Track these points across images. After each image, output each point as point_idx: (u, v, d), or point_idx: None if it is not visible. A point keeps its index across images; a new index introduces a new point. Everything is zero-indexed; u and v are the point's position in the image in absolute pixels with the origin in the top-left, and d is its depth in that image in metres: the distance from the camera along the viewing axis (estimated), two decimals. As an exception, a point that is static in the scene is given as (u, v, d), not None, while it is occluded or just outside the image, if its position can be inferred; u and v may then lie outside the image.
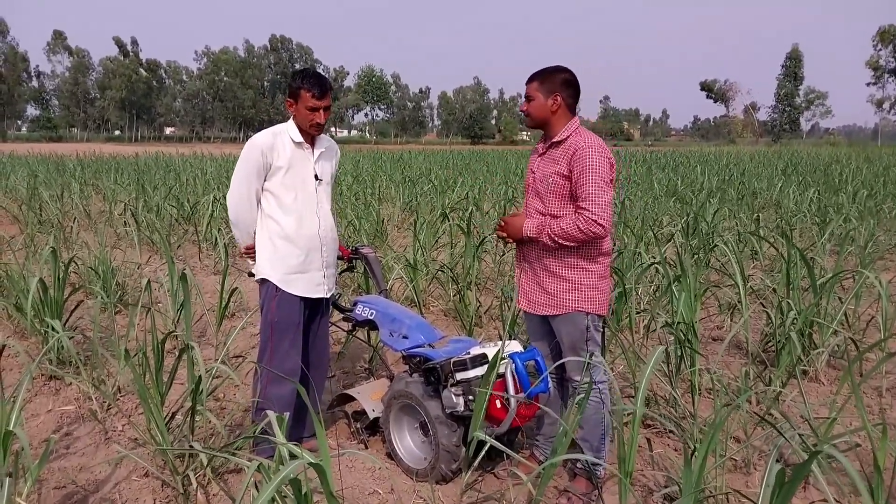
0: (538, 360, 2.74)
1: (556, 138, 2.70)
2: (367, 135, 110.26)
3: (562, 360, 2.71)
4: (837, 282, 4.67)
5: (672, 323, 3.66)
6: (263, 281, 2.96)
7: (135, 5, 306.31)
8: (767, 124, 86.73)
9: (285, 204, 2.89)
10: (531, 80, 2.74)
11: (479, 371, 2.70)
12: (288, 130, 2.91)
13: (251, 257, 3.04)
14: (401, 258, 5.90)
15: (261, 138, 2.89)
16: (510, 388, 2.63)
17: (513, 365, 2.66)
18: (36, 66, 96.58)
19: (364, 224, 7.92)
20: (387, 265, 5.90)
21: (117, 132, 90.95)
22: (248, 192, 2.91)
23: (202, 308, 5.20)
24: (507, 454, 2.39)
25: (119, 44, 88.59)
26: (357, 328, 3.52)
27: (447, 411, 2.76)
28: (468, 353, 2.80)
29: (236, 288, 4.89)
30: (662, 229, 8.19)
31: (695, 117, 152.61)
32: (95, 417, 3.50)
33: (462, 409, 2.71)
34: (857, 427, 2.51)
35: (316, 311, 3.11)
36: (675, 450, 3.21)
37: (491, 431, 2.62)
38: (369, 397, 3.28)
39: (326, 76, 2.99)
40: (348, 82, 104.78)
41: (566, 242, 2.59)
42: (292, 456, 1.82)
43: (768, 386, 3.72)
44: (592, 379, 2.67)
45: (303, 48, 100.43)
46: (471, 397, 2.67)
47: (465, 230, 6.12)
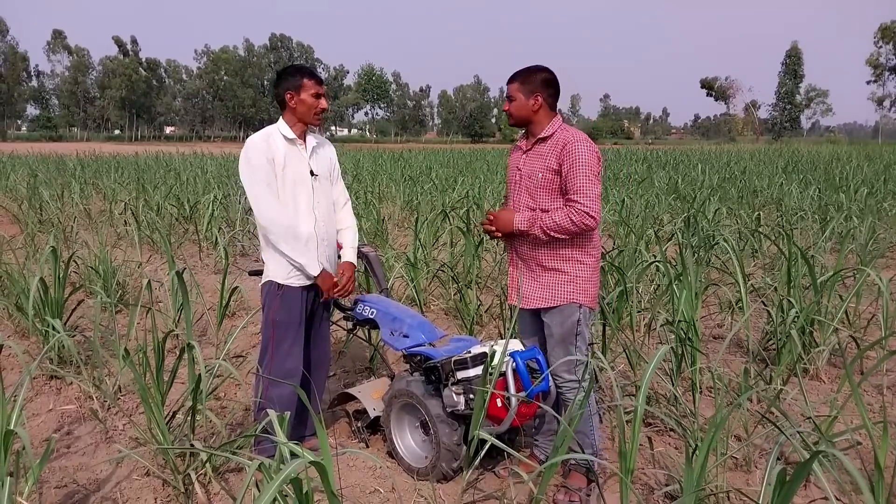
0: (539, 358, 2.74)
1: (541, 135, 2.75)
2: (368, 133, 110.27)
3: (561, 361, 2.71)
4: (838, 280, 4.67)
5: (673, 321, 3.65)
6: (270, 283, 2.95)
7: (134, 4, 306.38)
8: (768, 122, 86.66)
9: (284, 201, 2.87)
10: (512, 80, 2.79)
11: (479, 370, 2.70)
12: (279, 129, 2.90)
13: (338, 290, 3.00)
14: (401, 257, 5.90)
15: (258, 138, 2.88)
16: (511, 386, 2.63)
17: (514, 363, 2.66)
18: (35, 66, 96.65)
19: (365, 223, 7.92)
20: (387, 264, 5.90)
21: (117, 131, 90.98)
22: (272, 196, 2.83)
23: (203, 307, 5.20)
24: (507, 453, 2.39)
25: (119, 43, 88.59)
26: (358, 327, 3.52)
27: (448, 410, 2.76)
28: (469, 351, 2.79)
29: (237, 287, 4.89)
30: (663, 227, 8.19)
31: (695, 115, 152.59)
32: (96, 417, 3.50)
33: (463, 407, 2.71)
34: (857, 425, 2.51)
35: (317, 310, 3.11)
36: (676, 448, 3.21)
37: (492, 430, 2.62)
38: (370, 396, 3.28)
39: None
40: (348, 81, 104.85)
41: (559, 235, 2.63)
42: (293, 455, 1.82)
43: (769, 384, 3.72)
44: (579, 376, 2.69)
45: (303, 47, 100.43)
46: (471, 396, 2.67)
47: (466, 229, 6.12)
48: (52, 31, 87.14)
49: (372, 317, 3.23)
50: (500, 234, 2.80)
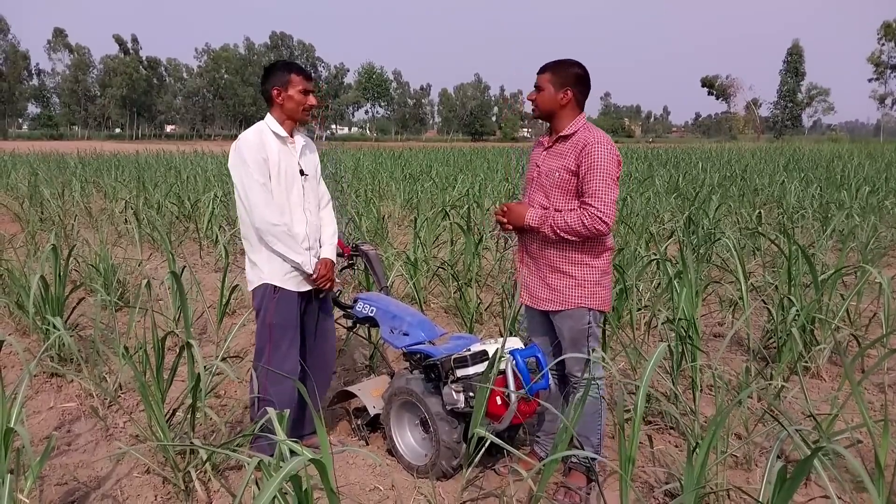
0: (539, 356, 2.73)
1: (563, 132, 2.67)
2: (368, 132, 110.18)
3: (563, 357, 2.70)
4: (839, 278, 4.66)
5: (673, 319, 3.65)
6: (266, 286, 2.88)
7: (135, 3, 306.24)
8: (769, 120, 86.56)
9: (278, 201, 2.83)
10: (543, 70, 2.70)
11: (479, 368, 2.69)
12: (270, 127, 2.84)
13: (325, 279, 2.96)
14: (401, 255, 5.90)
15: (250, 136, 2.81)
16: (511, 384, 2.63)
17: (513, 361, 2.66)
18: (36, 64, 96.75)
19: (365, 221, 7.92)
20: (387, 262, 5.90)
21: (118, 130, 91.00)
22: (267, 195, 2.77)
23: (203, 305, 5.20)
24: (507, 451, 2.39)
25: (119, 41, 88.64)
26: (357, 325, 3.51)
27: (448, 408, 2.76)
28: (469, 349, 2.79)
29: (237, 285, 4.89)
30: (664, 226, 8.18)
31: (696, 114, 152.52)
32: (97, 414, 3.50)
33: (462, 405, 2.71)
34: (858, 423, 2.51)
35: (311, 310, 3.08)
36: (677, 446, 3.21)
37: (492, 428, 2.61)
38: (370, 394, 3.28)
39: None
40: (349, 79, 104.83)
41: (568, 237, 2.58)
42: (293, 453, 1.82)
43: (770, 382, 3.71)
44: (592, 375, 2.67)
45: (304, 45, 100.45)
46: (471, 394, 2.67)
47: (466, 227, 6.11)
48: (53, 30, 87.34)
49: (372, 315, 3.23)
50: (510, 227, 2.77)
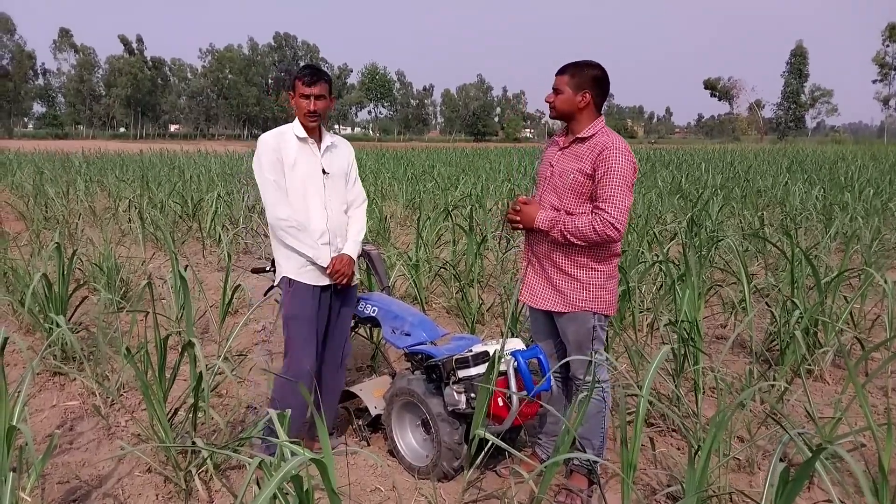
0: (541, 357, 2.72)
1: (581, 134, 2.64)
2: (371, 132, 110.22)
3: (567, 360, 2.70)
4: (843, 280, 4.64)
5: (675, 322, 3.64)
6: (283, 279, 2.99)
7: (140, 3, 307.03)
8: (772, 122, 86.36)
9: (293, 198, 2.91)
10: (562, 71, 2.67)
11: (481, 369, 2.69)
12: (293, 128, 2.97)
13: (342, 270, 2.97)
14: (403, 255, 5.90)
15: (268, 136, 2.96)
16: (512, 385, 2.62)
17: (515, 362, 2.66)
18: (42, 64, 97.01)
19: (367, 221, 7.90)
20: (389, 262, 5.90)
21: (122, 129, 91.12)
22: (281, 191, 2.89)
23: (205, 305, 5.21)
24: (508, 452, 2.39)
25: (124, 42, 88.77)
26: (359, 325, 3.52)
27: (449, 409, 2.76)
28: (470, 350, 2.79)
29: (239, 285, 4.89)
30: (667, 227, 8.16)
31: (699, 115, 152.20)
32: (99, 413, 3.50)
33: (464, 406, 2.70)
34: (862, 427, 2.50)
35: (334, 303, 3.10)
36: (679, 449, 3.20)
37: (493, 429, 2.61)
38: (371, 394, 3.27)
39: (326, 71, 3.01)
40: (352, 80, 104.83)
41: (578, 241, 2.56)
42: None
43: (772, 385, 3.70)
44: (597, 377, 2.66)
45: (308, 46, 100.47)
46: (473, 395, 2.66)
47: (468, 228, 6.11)
48: (58, 30, 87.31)
49: (373, 315, 3.23)
50: (521, 226, 2.74)
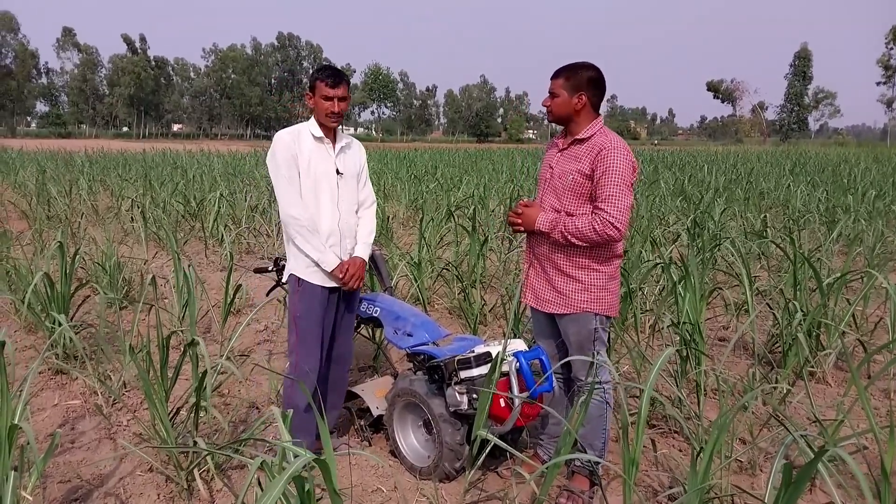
0: (542, 358, 2.72)
1: (579, 136, 2.65)
2: (374, 132, 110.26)
3: (567, 359, 2.69)
4: (845, 283, 4.64)
5: (678, 323, 3.64)
6: (291, 277, 3.00)
7: (143, 3, 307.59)
8: (775, 124, 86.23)
9: (307, 197, 2.92)
10: (556, 75, 2.67)
11: (483, 369, 2.69)
12: (309, 127, 2.98)
13: (354, 276, 2.98)
14: (406, 256, 5.90)
15: (284, 134, 2.96)
16: (514, 386, 2.62)
17: (517, 363, 2.65)
18: (45, 63, 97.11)
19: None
20: (392, 263, 5.90)
21: (125, 129, 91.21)
22: (294, 189, 2.89)
23: (208, 304, 5.21)
24: (510, 453, 2.38)
25: (127, 41, 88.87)
26: (362, 325, 3.52)
27: (451, 409, 2.75)
28: (472, 351, 2.79)
29: (241, 284, 4.90)
30: (669, 229, 8.16)
31: (702, 117, 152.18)
32: (101, 412, 3.51)
33: (466, 407, 2.70)
34: (864, 429, 2.49)
35: (340, 304, 3.11)
36: (681, 451, 3.20)
37: (495, 430, 2.61)
38: (373, 395, 3.27)
39: (344, 72, 3.00)
40: (355, 80, 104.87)
41: (579, 242, 2.56)
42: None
43: (775, 387, 3.70)
44: (598, 379, 2.66)
45: (311, 46, 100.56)
46: (474, 395, 2.66)
47: (471, 228, 6.10)
48: (62, 29, 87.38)
49: (376, 315, 3.23)
50: (522, 229, 2.75)
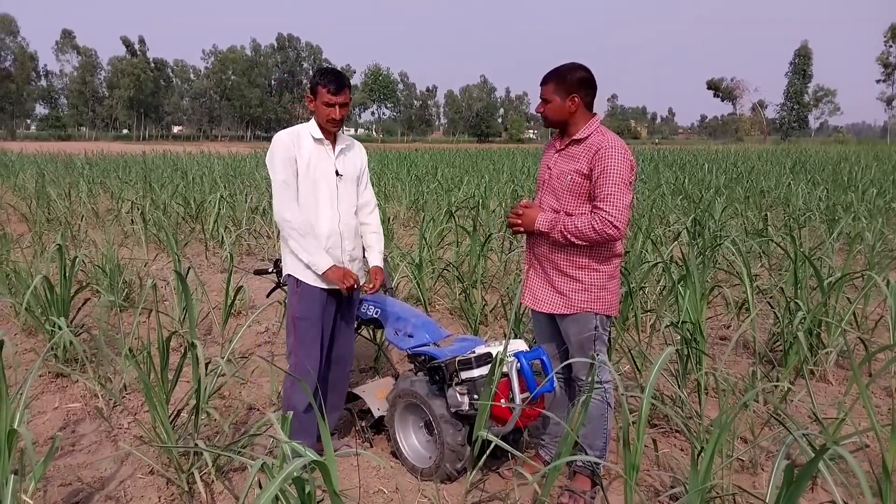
0: (543, 359, 2.72)
1: (576, 136, 2.64)
2: (374, 133, 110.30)
3: (569, 361, 2.69)
4: (846, 281, 4.63)
5: (678, 322, 3.63)
6: (290, 277, 3.00)
7: (142, 5, 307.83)
8: (776, 122, 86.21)
9: (305, 198, 2.92)
10: (546, 81, 2.66)
11: (484, 370, 2.69)
12: (309, 129, 2.97)
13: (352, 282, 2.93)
14: (407, 256, 5.90)
15: (283, 135, 2.95)
16: (515, 387, 2.62)
17: (518, 364, 2.65)
18: (44, 66, 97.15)
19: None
20: (393, 263, 5.90)
21: (125, 131, 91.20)
22: (291, 190, 2.89)
23: (208, 306, 5.21)
24: (511, 453, 2.38)
25: (126, 43, 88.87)
26: (362, 326, 3.52)
27: (452, 410, 2.75)
28: (473, 351, 2.79)
29: (242, 286, 4.89)
30: (670, 227, 8.15)
31: (702, 116, 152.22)
32: (101, 415, 3.51)
33: (467, 408, 2.70)
34: (865, 428, 2.49)
35: (340, 305, 3.11)
36: (682, 450, 3.19)
37: (496, 431, 2.61)
38: (374, 396, 3.27)
39: (346, 75, 3.00)
40: (355, 80, 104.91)
41: (578, 241, 2.55)
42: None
43: (776, 386, 3.69)
44: (599, 379, 2.66)
45: (311, 47, 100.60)
46: (476, 396, 2.66)
47: (471, 229, 6.10)
48: (61, 31, 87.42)
49: (376, 316, 3.23)
50: (522, 230, 2.74)
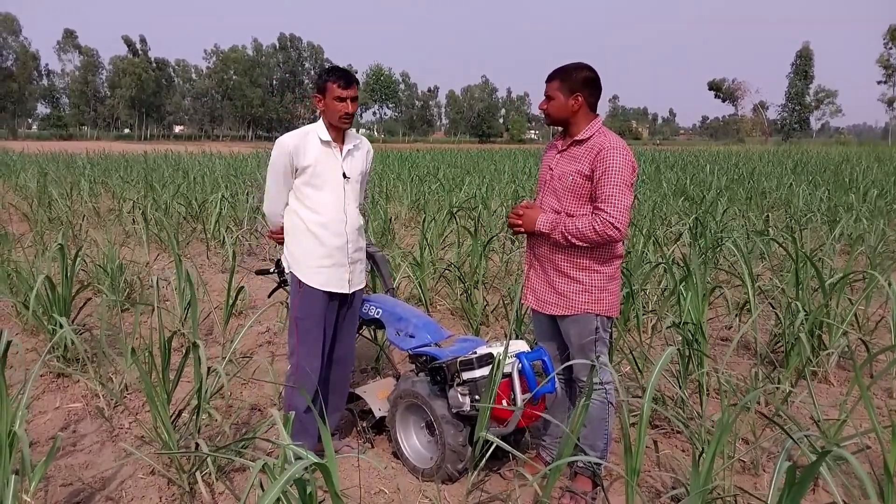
0: (545, 359, 2.72)
1: (578, 137, 2.64)
2: (376, 133, 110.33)
3: (570, 363, 2.69)
4: (848, 282, 4.62)
5: (679, 323, 3.63)
6: (292, 276, 3.01)
7: (144, 4, 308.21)
8: (777, 123, 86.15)
9: (311, 201, 2.93)
10: (551, 78, 2.67)
11: (485, 370, 2.69)
12: (316, 130, 2.96)
13: (278, 241, 3.15)
14: (408, 256, 5.89)
15: (287, 139, 2.94)
16: (516, 388, 2.61)
17: (519, 364, 2.65)
18: (46, 65, 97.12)
19: (372, 222, 7.92)
20: (394, 263, 5.89)
21: (127, 130, 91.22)
22: (279, 194, 3.02)
23: (209, 306, 5.21)
24: (513, 454, 2.38)
25: (128, 42, 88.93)
26: (364, 327, 3.52)
27: (453, 411, 2.75)
28: (475, 352, 2.79)
29: (243, 286, 4.89)
30: (671, 228, 8.15)
31: (703, 116, 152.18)
32: (102, 415, 3.51)
33: (468, 408, 2.70)
34: (867, 429, 2.49)
35: (342, 306, 3.11)
36: (683, 451, 3.19)
37: (497, 431, 2.61)
38: (376, 396, 3.27)
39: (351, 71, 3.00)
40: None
41: (579, 242, 2.55)
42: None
43: (777, 387, 3.69)
44: (599, 380, 2.65)
45: (313, 47, 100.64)
46: (477, 397, 2.66)
47: (473, 229, 6.10)
48: (63, 31, 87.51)
49: (377, 317, 3.23)
50: (523, 230, 2.74)
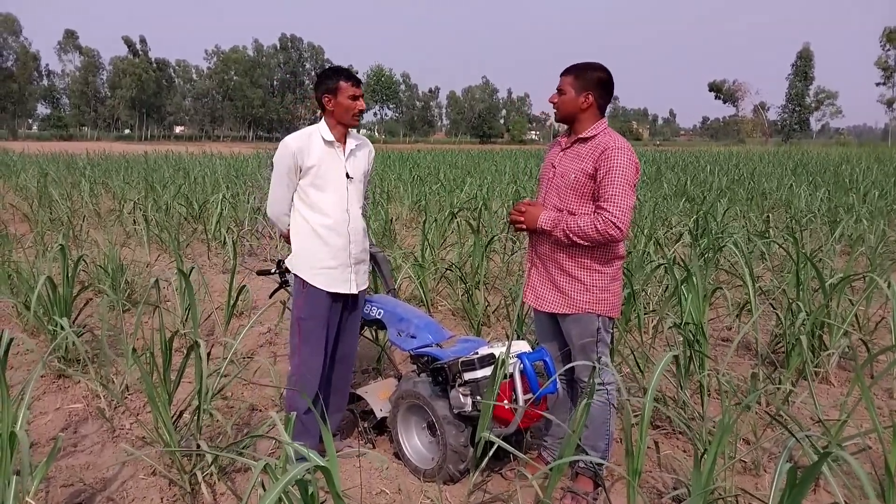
0: (546, 360, 2.72)
1: (583, 135, 2.64)
2: (376, 134, 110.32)
3: (572, 364, 2.69)
4: (848, 283, 4.63)
5: (680, 324, 3.63)
6: (295, 277, 3.02)
7: (144, 5, 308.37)
8: (777, 124, 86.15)
9: (315, 201, 2.93)
10: (566, 72, 2.68)
11: (487, 371, 2.69)
12: (320, 131, 2.96)
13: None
14: (409, 257, 5.90)
15: (291, 140, 2.95)
16: (518, 388, 2.62)
17: (521, 365, 2.65)
18: (46, 65, 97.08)
19: (373, 223, 7.93)
20: (395, 264, 5.90)
21: (127, 131, 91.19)
22: (283, 195, 3.01)
23: (211, 307, 5.21)
24: (514, 455, 2.38)
25: (128, 43, 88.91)
26: (365, 327, 3.52)
27: (455, 411, 2.75)
28: (476, 352, 2.78)
29: (244, 286, 4.90)
30: (672, 229, 8.15)
31: (703, 117, 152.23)
32: (103, 416, 3.51)
33: (470, 409, 2.70)
34: (868, 429, 2.49)
35: (346, 306, 3.12)
36: (684, 451, 3.19)
37: (499, 432, 2.61)
38: (377, 397, 3.27)
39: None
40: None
41: (580, 241, 2.55)
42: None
43: (778, 387, 3.69)
44: (601, 380, 2.65)
45: (313, 47, 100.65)
46: (478, 397, 2.66)
47: (475, 229, 6.11)
48: (63, 31, 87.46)
49: (379, 317, 3.23)
50: (525, 228, 2.74)
